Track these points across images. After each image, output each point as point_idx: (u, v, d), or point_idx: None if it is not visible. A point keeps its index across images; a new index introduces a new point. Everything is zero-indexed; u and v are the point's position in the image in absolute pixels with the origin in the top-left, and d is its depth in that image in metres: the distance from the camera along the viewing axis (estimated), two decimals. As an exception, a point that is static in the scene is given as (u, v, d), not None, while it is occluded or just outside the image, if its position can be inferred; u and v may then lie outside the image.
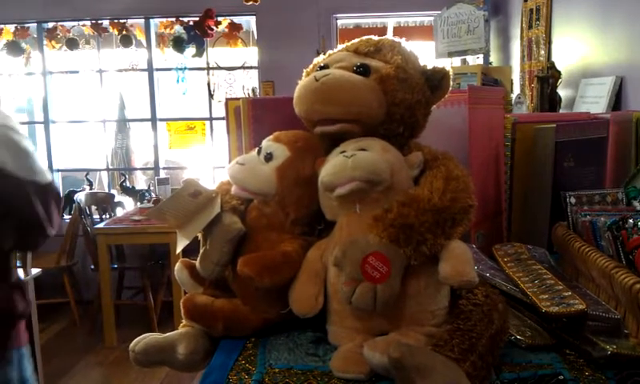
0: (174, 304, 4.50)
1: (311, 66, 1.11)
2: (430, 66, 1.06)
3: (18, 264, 3.24)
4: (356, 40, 1.09)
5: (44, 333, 4.88)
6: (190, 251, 1.08)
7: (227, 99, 1.35)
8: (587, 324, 0.91)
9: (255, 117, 1.25)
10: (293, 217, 1.01)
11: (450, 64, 4.54)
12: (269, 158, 1.01)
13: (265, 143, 1.05)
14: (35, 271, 3.37)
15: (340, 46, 1.12)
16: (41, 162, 1.61)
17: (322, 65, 1.07)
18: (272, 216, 1.01)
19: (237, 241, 0.99)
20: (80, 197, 5.11)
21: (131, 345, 1.00)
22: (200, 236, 1.03)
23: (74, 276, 5.42)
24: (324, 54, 1.12)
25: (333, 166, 0.92)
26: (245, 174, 1.00)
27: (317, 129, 1.02)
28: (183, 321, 1.04)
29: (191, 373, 1.05)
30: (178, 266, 1.09)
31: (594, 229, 1.07)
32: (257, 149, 1.05)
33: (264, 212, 1.02)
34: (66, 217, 5.74)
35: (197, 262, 1.02)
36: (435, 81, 1.05)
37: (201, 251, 1.01)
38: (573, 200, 1.20)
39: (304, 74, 1.11)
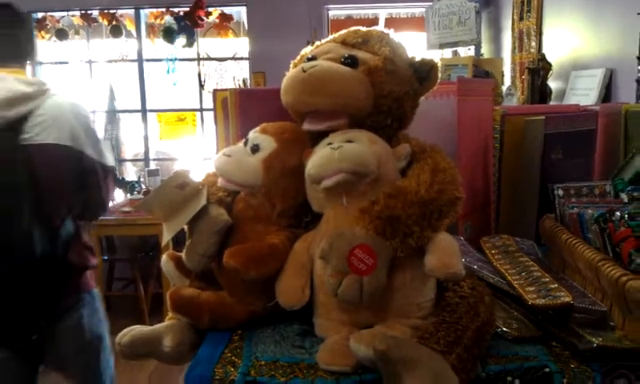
0: (164, 295, 4.47)
1: (299, 58, 1.10)
2: (418, 58, 1.05)
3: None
4: (344, 31, 1.08)
5: (34, 324, 4.85)
6: (181, 242, 1.07)
7: (215, 90, 1.34)
8: (573, 316, 0.91)
9: (242, 108, 1.24)
10: (279, 209, 1.00)
11: (440, 55, 4.54)
12: (255, 149, 1.01)
13: (251, 135, 1.04)
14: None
15: (328, 37, 1.11)
16: (106, 147, 2.02)
17: (309, 56, 1.06)
18: (258, 208, 1.01)
19: (223, 233, 0.99)
20: (70, 188, 5.06)
21: (117, 337, 1.00)
22: (186, 228, 1.02)
23: (65, 267, 5.39)
24: (312, 46, 1.11)
25: (319, 158, 0.91)
26: (231, 165, 1.00)
27: (304, 126, 1.02)
28: (169, 313, 1.03)
29: (178, 365, 1.04)
30: (164, 258, 1.08)
31: (581, 221, 1.07)
32: (243, 140, 1.05)
33: (251, 204, 1.01)
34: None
35: (183, 254, 1.01)
36: (423, 72, 1.04)
37: (187, 243, 1.00)
38: (561, 192, 1.19)
39: (291, 65, 1.10)
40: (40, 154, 1.75)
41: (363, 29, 1.08)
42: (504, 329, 0.93)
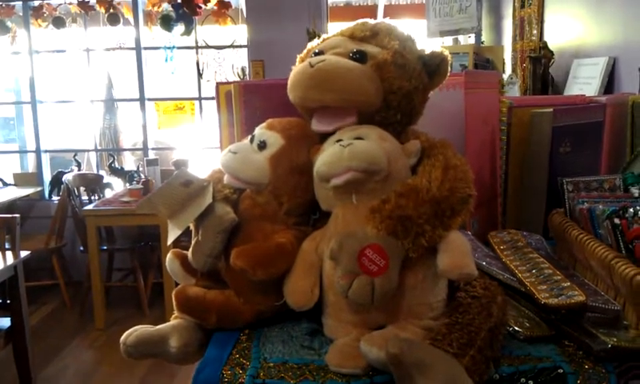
0: (164, 285, 4.49)
1: (305, 52, 1.08)
2: (427, 51, 1.03)
3: (7, 246, 3.24)
4: (351, 24, 1.06)
5: (34, 314, 4.87)
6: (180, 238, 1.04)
7: (218, 83, 1.31)
8: (586, 315, 0.89)
9: (247, 102, 1.22)
10: (287, 207, 0.98)
11: (441, 43, 4.51)
12: (262, 146, 0.99)
13: (258, 131, 1.02)
14: (24, 253, 3.33)
15: (335, 31, 1.09)
16: None
17: (316, 50, 1.03)
18: (265, 206, 0.99)
19: (229, 231, 0.97)
20: (68, 178, 5.05)
21: (122, 337, 0.98)
22: (192, 226, 1.00)
23: (64, 257, 5.38)
24: (316, 36, 1.08)
25: (328, 156, 0.89)
26: (237, 163, 0.97)
27: (313, 126, 1.00)
28: (175, 313, 1.02)
29: (185, 365, 1.03)
30: (169, 256, 1.06)
31: (591, 217, 1.05)
32: (250, 137, 1.03)
33: (257, 202, 1.00)
34: (55, 198, 5.71)
35: (189, 253, 0.99)
36: (433, 66, 1.02)
37: (193, 242, 0.98)
38: (570, 187, 1.18)
39: (298, 59, 1.07)
40: None
41: (371, 21, 1.05)
42: (516, 328, 0.92)
